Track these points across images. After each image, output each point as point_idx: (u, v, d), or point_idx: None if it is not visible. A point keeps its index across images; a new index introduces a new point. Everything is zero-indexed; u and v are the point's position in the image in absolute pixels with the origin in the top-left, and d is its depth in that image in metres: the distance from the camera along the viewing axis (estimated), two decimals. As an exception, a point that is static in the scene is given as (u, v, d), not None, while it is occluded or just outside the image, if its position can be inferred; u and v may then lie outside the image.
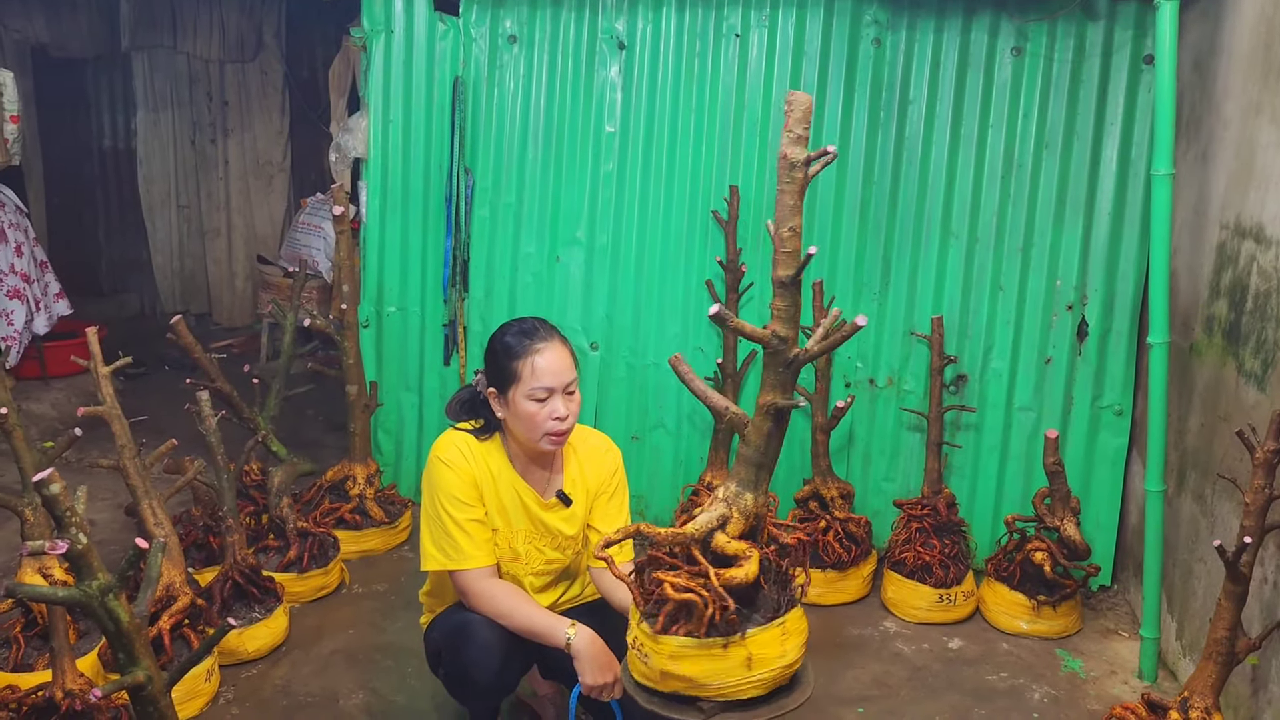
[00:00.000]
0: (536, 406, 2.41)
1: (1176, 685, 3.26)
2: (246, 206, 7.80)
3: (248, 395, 3.99)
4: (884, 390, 4.11)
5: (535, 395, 2.41)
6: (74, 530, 1.86)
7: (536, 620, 2.44)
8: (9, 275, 5.17)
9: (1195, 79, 3.53)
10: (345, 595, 3.75)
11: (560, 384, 2.42)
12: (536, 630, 2.43)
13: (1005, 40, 3.85)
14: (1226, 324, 3.11)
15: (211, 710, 2.98)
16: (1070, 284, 3.90)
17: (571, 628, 2.39)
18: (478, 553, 2.48)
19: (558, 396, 2.42)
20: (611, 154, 4.15)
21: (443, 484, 2.48)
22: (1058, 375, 3.95)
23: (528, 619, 2.44)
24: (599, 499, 2.64)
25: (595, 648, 2.37)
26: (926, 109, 3.93)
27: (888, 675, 3.36)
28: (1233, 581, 2.48)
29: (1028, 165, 3.89)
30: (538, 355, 2.41)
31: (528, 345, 2.42)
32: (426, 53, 4.21)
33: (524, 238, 4.26)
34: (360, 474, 4.11)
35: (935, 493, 3.86)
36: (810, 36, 3.96)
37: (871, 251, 4.02)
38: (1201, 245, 3.36)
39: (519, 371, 2.41)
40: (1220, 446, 3.10)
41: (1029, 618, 3.60)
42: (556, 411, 2.42)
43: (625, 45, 4.09)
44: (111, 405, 3.00)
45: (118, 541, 4.00)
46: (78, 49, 7.03)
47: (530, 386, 2.40)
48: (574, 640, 2.37)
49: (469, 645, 2.45)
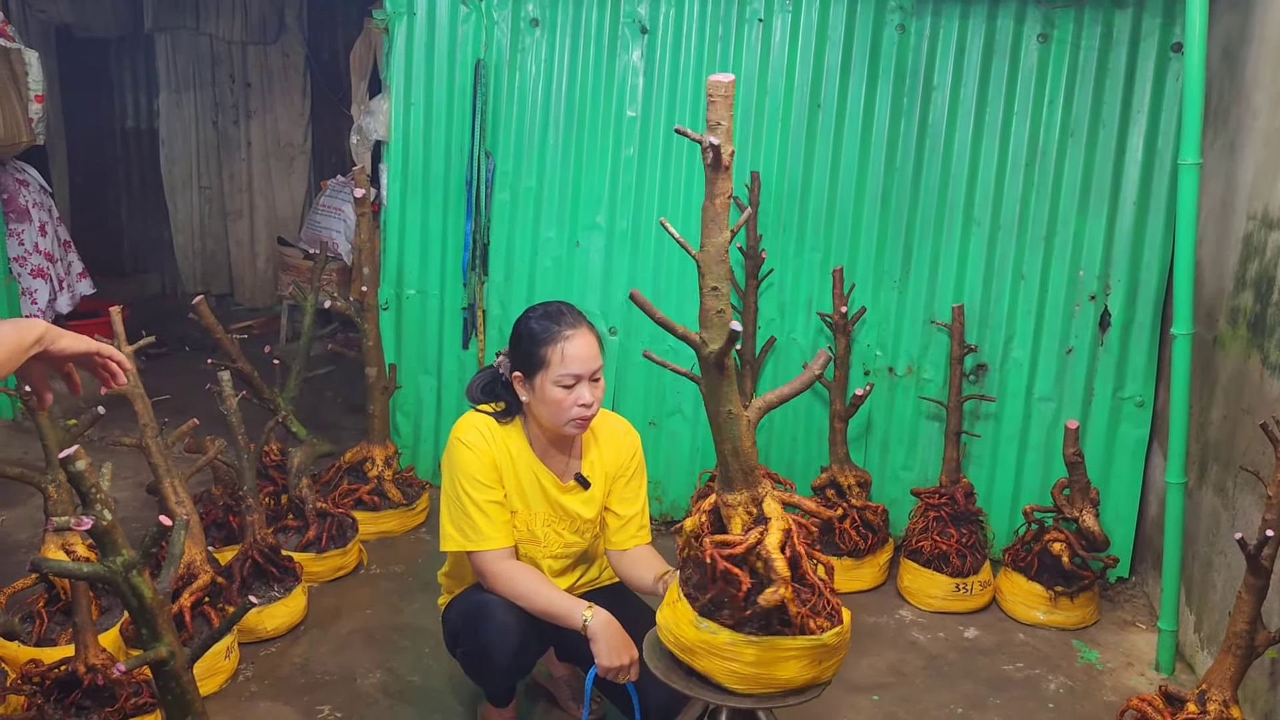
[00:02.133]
0: (563, 393, 2.41)
1: (1194, 678, 3.25)
2: (268, 188, 7.82)
3: (268, 376, 4.01)
4: (903, 379, 4.09)
5: (563, 382, 2.40)
6: (99, 507, 1.88)
7: (554, 602, 2.44)
8: (33, 254, 5.20)
9: (1224, 68, 3.48)
10: (363, 576, 3.77)
11: (588, 371, 2.42)
12: (554, 612, 2.43)
13: (1031, 27, 3.82)
14: (1251, 316, 3.08)
15: (231, 687, 3.01)
16: (1093, 274, 3.87)
17: (589, 609, 2.39)
18: (496, 534, 2.49)
19: (584, 383, 2.42)
20: (633, 139, 4.14)
21: (463, 465, 2.49)
22: (1079, 365, 3.92)
23: (545, 600, 2.45)
24: (617, 481, 2.64)
25: (611, 630, 2.38)
26: (950, 96, 3.90)
27: (903, 664, 3.36)
28: (1254, 575, 2.47)
29: (1052, 153, 3.85)
30: (567, 342, 2.40)
31: (556, 332, 2.41)
32: (449, 36, 4.20)
33: (544, 222, 4.26)
34: (379, 456, 4.14)
35: (953, 482, 3.85)
36: (834, 22, 3.93)
37: (893, 239, 4.00)
38: (1227, 236, 3.33)
39: (548, 357, 2.41)
40: (1243, 439, 3.07)
41: (1046, 608, 3.59)
42: (582, 398, 2.42)
43: (647, 30, 4.07)
44: (134, 384, 3.02)
45: (139, 519, 4.03)
46: (101, 29, 7.06)
47: (559, 373, 2.40)
48: (590, 622, 2.37)
49: (487, 626, 2.46)
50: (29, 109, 4.89)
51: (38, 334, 1.56)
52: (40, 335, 1.56)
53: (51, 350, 1.59)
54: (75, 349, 1.63)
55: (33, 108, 4.92)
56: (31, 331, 1.55)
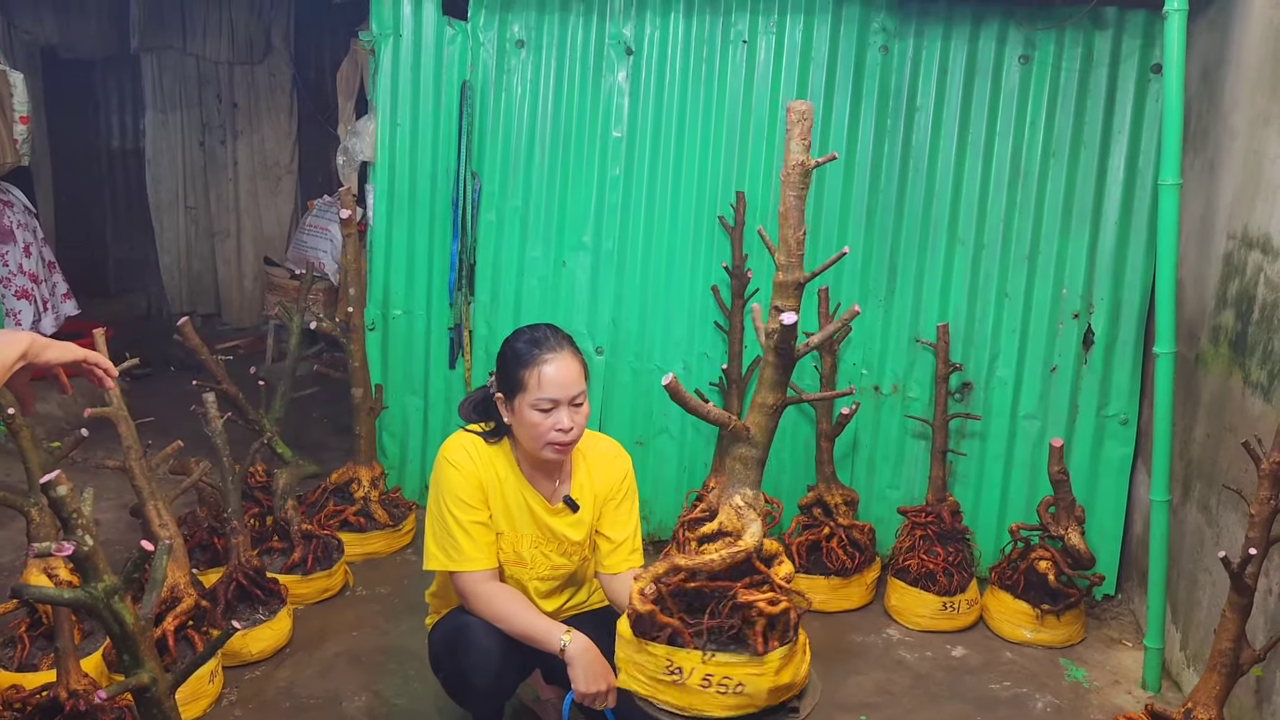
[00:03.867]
0: (540, 416, 2.40)
1: (1180, 696, 3.25)
2: (254, 208, 7.81)
3: (253, 397, 4.00)
4: (889, 397, 4.11)
5: (540, 405, 2.40)
6: (80, 532, 1.86)
7: (533, 625, 2.44)
8: (17, 275, 5.18)
9: (1203, 89, 3.52)
10: (349, 598, 3.75)
11: (566, 396, 2.40)
12: (533, 635, 2.43)
13: (1013, 48, 3.86)
14: (1233, 334, 3.10)
15: (215, 711, 2.99)
16: (1076, 292, 3.90)
17: (567, 634, 2.39)
18: (479, 555, 2.49)
19: (563, 408, 2.41)
20: (618, 159, 4.15)
21: (448, 485, 2.49)
22: (1063, 384, 3.94)
23: (525, 624, 2.44)
24: (607, 505, 2.64)
25: (590, 656, 2.37)
26: (934, 116, 3.93)
27: (890, 683, 3.36)
28: (1238, 593, 2.48)
29: (1034, 173, 3.89)
30: (545, 365, 2.39)
31: (536, 355, 2.41)
32: (435, 57, 4.22)
33: (530, 242, 4.26)
34: (365, 477, 4.12)
35: (939, 500, 3.86)
36: (818, 43, 3.96)
37: (877, 258, 4.02)
38: (1208, 255, 3.36)
39: (525, 381, 2.40)
40: (1226, 457, 3.09)
41: (1033, 626, 3.59)
42: (560, 423, 2.41)
43: (633, 51, 4.10)
44: (118, 406, 3.01)
45: (123, 542, 4.00)
46: (87, 50, 7.06)
47: (535, 397, 2.39)
48: (569, 647, 2.37)
49: (468, 649, 2.45)
50: (14, 130, 4.88)
51: (21, 349, 1.59)
52: (25, 349, 1.60)
53: (37, 363, 1.62)
54: (62, 359, 1.67)
55: (18, 129, 4.91)
56: (15, 347, 1.59)
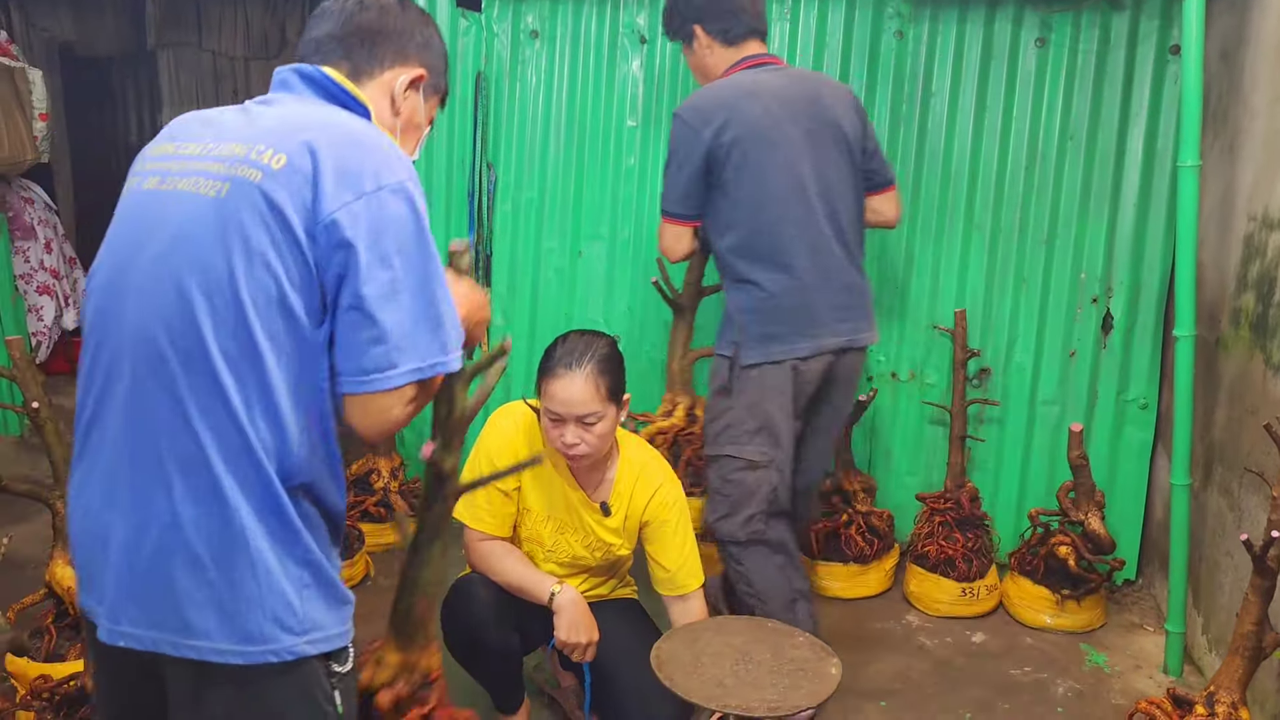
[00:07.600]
0: (550, 424, 2.44)
1: (1202, 680, 3.24)
2: (271, 202, 7.85)
3: (273, 389, 4.01)
4: (906, 384, 4.10)
5: (550, 414, 2.43)
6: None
7: (525, 576, 2.50)
8: (39, 271, 5.23)
9: (1222, 69, 3.49)
10: (370, 587, 3.78)
11: (569, 414, 2.39)
12: (525, 586, 2.48)
13: (1029, 31, 3.83)
14: (1254, 316, 3.08)
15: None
16: (1095, 276, 3.87)
17: (558, 585, 2.45)
18: (490, 520, 2.54)
19: (568, 424, 2.40)
20: (633, 149, 4.15)
21: (487, 444, 2.55)
22: (1082, 368, 3.92)
23: (519, 576, 2.50)
24: (650, 526, 2.62)
25: (578, 609, 2.43)
26: (949, 101, 3.91)
27: (910, 669, 3.36)
28: (1260, 576, 2.47)
29: (1052, 157, 3.86)
30: (554, 380, 2.40)
31: (551, 366, 2.43)
32: (449, 48, 4.19)
33: (546, 233, 4.27)
34: (385, 467, 4.14)
35: (958, 486, 3.85)
36: (832, 29, 3.94)
37: (894, 244, 4.01)
38: (1228, 237, 3.33)
39: (540, 386, 2.45)
40: (1248, 440, 3.07)
41: (1053, 612, 3.58)
42: (565, 438, 2.41)
43: (647, 40, 4.09)
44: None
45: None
46: (104, 47, 7.09)
47: (545, 405, 2.44)
48: (559, 595, 2.44)
49: (468, 603, 2.52)
50: (33, 127, 4.92)
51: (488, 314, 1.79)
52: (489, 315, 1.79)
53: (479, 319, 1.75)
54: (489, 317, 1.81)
55: (37, 126, 4.95)
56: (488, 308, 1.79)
